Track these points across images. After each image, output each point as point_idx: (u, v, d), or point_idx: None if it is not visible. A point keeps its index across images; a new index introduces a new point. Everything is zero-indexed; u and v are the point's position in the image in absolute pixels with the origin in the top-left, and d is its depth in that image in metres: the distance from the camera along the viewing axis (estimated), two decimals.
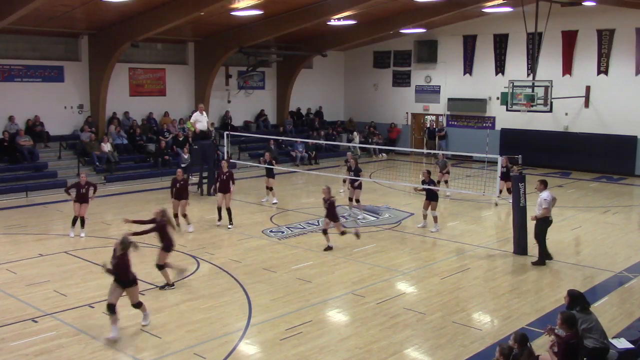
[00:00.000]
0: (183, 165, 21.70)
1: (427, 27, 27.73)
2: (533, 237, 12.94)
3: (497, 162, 15.35)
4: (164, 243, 11.01)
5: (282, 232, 15.30)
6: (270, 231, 15.40)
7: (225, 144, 20.32)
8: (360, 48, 31.59)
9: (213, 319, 9.74)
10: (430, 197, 15.27)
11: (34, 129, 22.00)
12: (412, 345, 8.89)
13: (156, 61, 25.63)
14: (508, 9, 24.25)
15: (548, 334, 7.41)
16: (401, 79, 31.03)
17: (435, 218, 15.45)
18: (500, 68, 27.56)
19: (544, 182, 12.83)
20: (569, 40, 25.49)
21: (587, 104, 25.40)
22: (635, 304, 10.67)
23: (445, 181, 19.56)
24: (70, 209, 15.11)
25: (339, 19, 23.92)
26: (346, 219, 16.69)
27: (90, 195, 14.70)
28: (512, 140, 26.82)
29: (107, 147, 22.39)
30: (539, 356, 7.34)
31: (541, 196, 12.61)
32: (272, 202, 18.54)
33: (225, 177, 15.52)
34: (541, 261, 12.71)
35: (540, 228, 12.71)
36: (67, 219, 15.09)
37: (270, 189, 18.68)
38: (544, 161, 26.03)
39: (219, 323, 9.61)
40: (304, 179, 23.49)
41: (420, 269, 12.55)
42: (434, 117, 30.19)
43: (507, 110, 24.50)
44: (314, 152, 27.50)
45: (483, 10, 24.69)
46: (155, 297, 10.68)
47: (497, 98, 27.24)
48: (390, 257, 13.25)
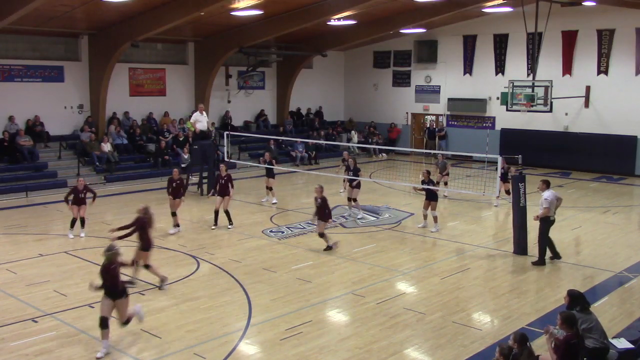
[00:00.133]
0: (183, 165, 21.72)
1: (427, 27, 27.73)
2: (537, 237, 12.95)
3: (497, 162, 15.34)
4: (142, 242, 10.97)
5: (282, 232, 15.30)
6: (270, 231, 15.40)
7: (225, 144, 20.34)
8: (360, 48, 31.59)
9: (213, 319, 9.74)
10: (429, 197, 15.29)
11: (34, 129, 22.00)
12: (412, 345, 8.89)
13: (156, 61, 25.63)
14: (508, 9, 24.24)
15: (547, 336, 7.41)
16: (401, 79, 31.02)
17: (435, 218, 15.45)
18: (500, 68, 27.55)
19: (547, 182, 12.83)
20: (569, 40, 25.49)
21: (587, 104, 25.40)
22: (635, 304, 10.67)
23: (445, 182, 19.56)
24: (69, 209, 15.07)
25: (339, 19, 23.91)
26: (346, 219, 16.71)
27: (88, 201, 14.58)
28: (512, 140, 26.82)
29: (107, 147, 22.39)
30: (538, 356, 7.34)
31: (542, 196, 12.62)
32: (272, 202, 18.54)
33: (224, 180, 15.48)
34: (541, 261, 12.71)
35: (541, 228, 12.71)
36: (67, 219, 15.08)
37: (270, 189, 18.68)
38: (544, 161, 26.03)
39: (219, 323, 9.60)
40: (304, 179, 23.48)
41: (420, 269, 12.55)
42: (434, 117, 30.19)
43: (507, 110, 24.48)
44: (314, 152, 27.51)
45: (483, 10, 24.68)
46: (156, 297, 10.68)
47: (497, 98, 27.22)
48: (390, 257, 13.25)
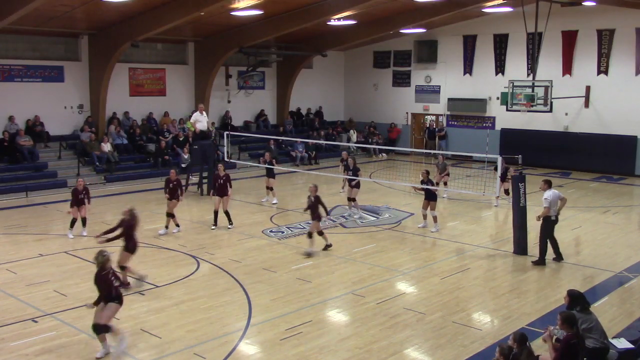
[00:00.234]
0: (183, 165, 21.72)
1: (427, 27, 27.73)
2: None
3: (497, 162, 15.34)
4: (128, 244, 10.94)
5: (282, 232, 15.29)
6: (270, 231, 15.39)
7: (225, 144, 20.34)
8: (360, 48, 31.59)
9: (213, 319, 9.73)
10: (429, 197, 15.27)
11: (34, 129, 22.00)
12: (412, 345, 8.89)
13: (156, 61, 25.63)
14: (508, 9, 24.24)
15: (546, 334, 7.41)
16: (401, 79, 31.02)
17: (435, 218, 15.45)
18: (500, 68, 27.55)
19: (548, 182, 12.82)
20: (569, 40, 25.49)
21: (587, 104, 25.40)
22: (635, 304, 10.67)
23: (444, 182, 19.56)
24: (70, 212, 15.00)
25: (339, 19, 23.91)
26: (346, 218, 16.72)
27: (86, 202, 14.57)
28: (512, 140, 26.81)
29: (107, 147, 22.39)
30: (538, 356, 7.34)
31: (544, 195, 12.62)
32: (272, 202, 18.54)
33: (223, 181, 15.45)
34: (541, 261, 12.71)
35: (543, 228, 12.71)
36: (67, 219, 15.06)
37: (270, 189, 18.68)
38: (544, 161, 26.02)
39: (219, 323, 9.60)
40: (304, 179, 23.46)
41: (420, 269, 12.55)
42: (434, 117, 30.19)
43: (507, 110, 24.48)
44: (314, 152, 27.51)
45: (483, 10, 24.68)
46: (156, 297, 10.67)
47: (497, 98, 27.21)
48: (390, 257, 13.24)
